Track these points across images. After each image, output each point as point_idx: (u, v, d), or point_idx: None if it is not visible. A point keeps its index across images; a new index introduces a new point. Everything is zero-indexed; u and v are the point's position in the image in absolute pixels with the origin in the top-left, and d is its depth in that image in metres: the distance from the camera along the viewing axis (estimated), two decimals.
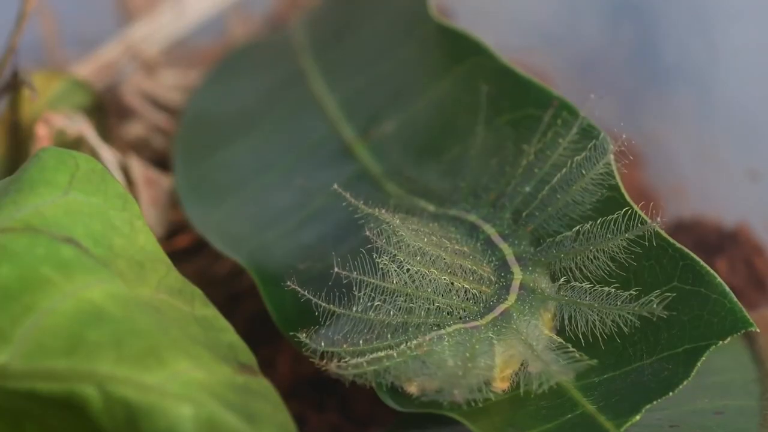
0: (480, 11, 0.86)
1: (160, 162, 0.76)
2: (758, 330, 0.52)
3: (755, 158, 0.75)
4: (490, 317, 0.52)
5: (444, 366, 0.50)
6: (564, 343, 0.53)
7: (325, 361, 0.51)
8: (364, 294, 0.52)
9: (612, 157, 0.54)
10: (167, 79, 0.81)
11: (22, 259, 0.49)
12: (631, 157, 0.55)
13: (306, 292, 0.53)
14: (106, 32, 0.83)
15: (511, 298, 0.53)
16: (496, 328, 0.52)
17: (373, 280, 0.52)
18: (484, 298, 0.53)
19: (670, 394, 0.51)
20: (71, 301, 0.49)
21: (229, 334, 0.52)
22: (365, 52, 0.71)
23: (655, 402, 0.51)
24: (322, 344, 0.52)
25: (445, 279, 0.53)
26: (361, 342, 0.51)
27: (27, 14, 0.68)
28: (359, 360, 0.51)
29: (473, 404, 0.51)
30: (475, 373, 0.51)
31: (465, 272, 0.54)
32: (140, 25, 0.82)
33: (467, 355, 0.51)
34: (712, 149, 0.77)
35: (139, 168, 0.71)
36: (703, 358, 0.51)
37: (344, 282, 0.54)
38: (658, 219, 0.52)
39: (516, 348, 0.52)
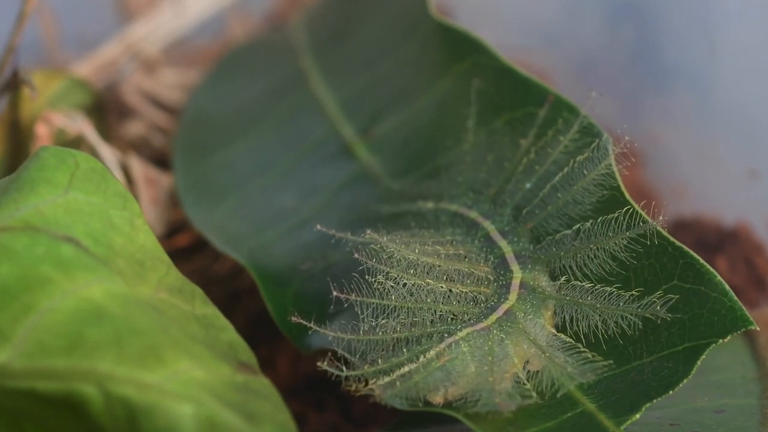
0: (480, 10, 0.86)
1: (160, 161, 0.76)
2: (758, 328, 0.52)
3: (755, 157, 0.75)
4: (494, 317, 0.52)
5: (466, 371, 0.50)
6: (574, 343, 0.52)
7: (372, 385, 0.51)
8: (367, 314, 0.52)
9: (613, 159, 0.54)
10: (167, 78, 0.81)
11: (22, 258, 0.49)
12: (633, 160, 0.55)
13: (312, 324, 0.53)
14: (106, 31, 0.83)
15: (512, 297, 0.53)
16: (503, 328, 0.52)
17: (373, 300, 0.52)
18: (484, 298, 0.53)
19: (670, 392, 0.51)
20: (71, 300, 0.49)
21: (230, 333, 0.52)
22: (365, 51, 0.71)
23: (655, 400, 0.51)
24: (344, 369, 0.51)
25: (442, 287, 0.53)
26: (379, 360, 0.51)
27: (27, 14, 0.68)
28: (389, 379, 0.51)
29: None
30: (506, 377, 0.51)
31: (462, 276, 0.54)
32: (140, 24, 0.82)
33: (489, 358, 0.51)
34: (712, 149, 0.77)
35: (139, 167, 0.71)
36: (703, 357, 0.51)
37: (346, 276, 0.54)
38: (660, 218, 0.52)
39: (525, 349, 0.52)
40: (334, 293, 0.52)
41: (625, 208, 0.54)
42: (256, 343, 0.57)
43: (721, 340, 0.51)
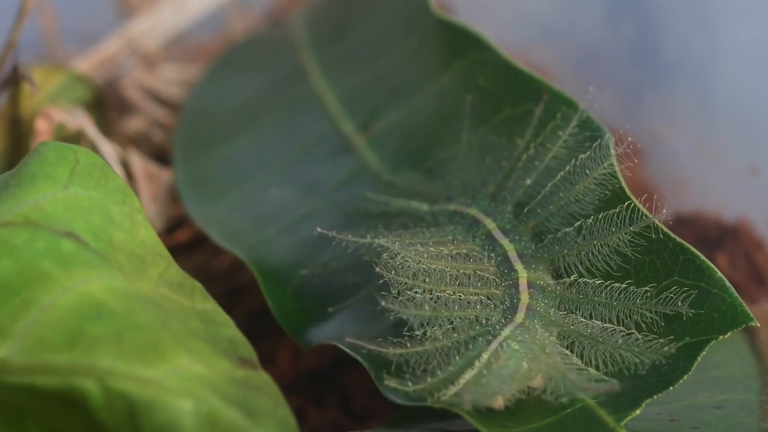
0: (480, 5, 0.86)
1: (160, 156, 0.76)
2: (758, 325, 0.51)
3: (755, 153, 0.75)
4: (521, 315, 0.52)
5: (521, 369, 0.50)
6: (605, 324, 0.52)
7: (443, 396, 0.50)
8: (414, 324, 0.52)
9: (615, 159, 0.54)
10: (167, 74, 0.81)
11: (22, 253, 0.49)
12: (636, 161, 0.55)
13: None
14: (106, 27, 0.83)
15: (524, 297, 0.53)
16: (535, 323, 0.52)
17: (416, 311, 0.52)
18: (497, 300, 0.53)
19: (671, 388, 0.51)
20: (71, 296, 0.49)
21: (230, 329, 0.52)
22: (365, 47, 0.71)
23: (655, 396, 0.51)
24: (410, 384, 0.51)
25: (461, 295, 0.53)
26: (438, 372, 0.50)
27: (27, 9, 0.67)
28: (457, 388, 0.50)
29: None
30: (570, 365, 0.50)
31: (471, 279, 0.53)
32: (140, 20, 0.82)
33: (545, 350, 0.50)
34: (713, 144, 0.77)
35: (139, 162, 0.71)
36: (704, 353, 0.51)
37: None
38: (663, 211, 0.52)
39: (574, 335, 0.52)
40: (383, 303, 0.52)
41: (627, 203, 0.54)
42: (257, 338, 0.57)
43: (721, 337, 0.51)
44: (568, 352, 0.51)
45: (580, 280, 0.53)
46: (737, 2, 0.76)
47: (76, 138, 0.70)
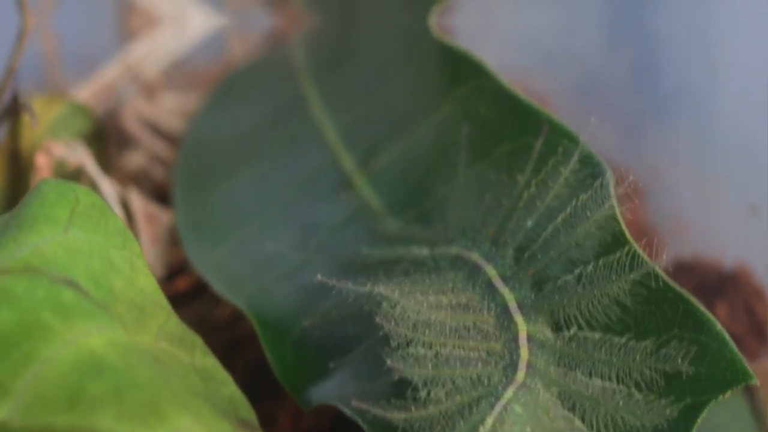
0: (482, 28, 0.86)
1: (160, 195, 0.76)
2: (758, 383, 0.51)
3: (756, 191, 0.75)
4: (521, 374, 0.52)
5: None
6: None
7: None
8: (420, 384, 0.51)
9: (615, 201, 0.54)
10: (167, 103, 0.80)
11: (22, 302, 0.49)
12: (637, 201, 0.54)
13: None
14: (106, 50, 0.83)
15: (523, 353, 0.53)
16: (535, 382, 0.52)
17: (419, 371, 0.51)
18: (498, 357, 0.53)
19: None
20: (72, 349, 0.48)
21: (230, 387, 0.52)
22: (365, 73, 0.71)
23: None
24: None
25: (462, 351, 0.52)
26: None
27: (27, 33, 0.67)
28: None
29: None
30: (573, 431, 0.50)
31: (471, 332, 0.53)
32: (140, 44, 0.81)
33: (549, 413, 0.50)
34: (713, 180, 0.77)
35: (139, 202, 0.71)
36: (704, 415, 0.51)
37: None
38: (663, 257, 0.52)
39: (575, 395, 0.52)
40: (388, 362, 0.51)
41: (626, 249, 0.53)
42: (257, 395, 0.57)
43: (721, 396, 0.51)
44: (570, 415, 0.51)
45: (579, 333, 0.53)
46: (739, 34, 0.75)
47: (76, 174, 0.69)
